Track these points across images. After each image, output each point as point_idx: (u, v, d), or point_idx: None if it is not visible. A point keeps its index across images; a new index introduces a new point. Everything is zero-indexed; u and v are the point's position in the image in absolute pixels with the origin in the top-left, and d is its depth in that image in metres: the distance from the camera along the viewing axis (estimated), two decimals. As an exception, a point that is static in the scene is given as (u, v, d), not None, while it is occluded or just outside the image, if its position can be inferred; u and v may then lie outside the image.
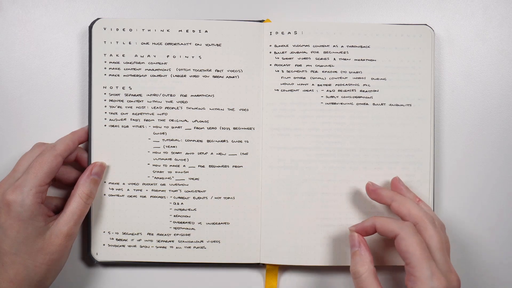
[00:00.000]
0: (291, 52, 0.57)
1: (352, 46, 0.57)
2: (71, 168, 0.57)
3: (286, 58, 0.57)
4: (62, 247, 0.51)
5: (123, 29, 0.57)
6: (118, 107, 0.57)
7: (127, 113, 0.57)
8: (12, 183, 0.51)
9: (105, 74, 0.57)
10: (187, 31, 0.57)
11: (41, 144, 0.55)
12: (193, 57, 0.57)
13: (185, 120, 0.57)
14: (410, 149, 0.58)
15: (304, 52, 0.57)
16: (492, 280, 0.60)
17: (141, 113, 0.57)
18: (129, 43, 0.57)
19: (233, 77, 0.57)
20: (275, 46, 0.57)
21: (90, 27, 0.57)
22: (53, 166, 0.52)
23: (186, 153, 0.57)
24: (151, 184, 0.57)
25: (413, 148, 0.58)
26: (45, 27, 0.59)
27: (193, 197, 0.57)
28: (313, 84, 0.57)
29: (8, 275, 0.49)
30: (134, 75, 0.57)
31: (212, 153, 0.57)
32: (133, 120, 0.57)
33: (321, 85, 0.57)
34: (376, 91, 0.57)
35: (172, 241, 0.57)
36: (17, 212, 0.49)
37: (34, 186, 0.50)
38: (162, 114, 0.57)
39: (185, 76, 0.57)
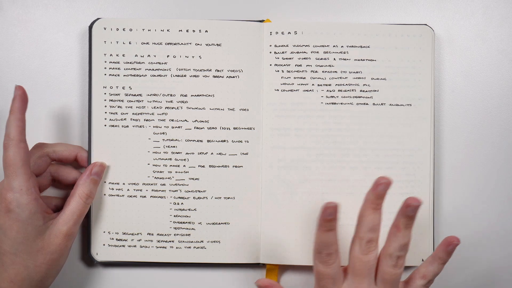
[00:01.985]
0: (291, 52, 0.57)
1: (352, 46, 0.57)
2: (70, 168, 0.57)
3: (286, 58, 0.57)
4: (61, 247, 0.51)
5: (123, 29, 0.57)
6: (118, 107, 0.57)
7: (127, 113, 0.57)
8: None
9: (105, 74, 0.57)
10: (187, 31, 0.57)
11: (41, 145, 0.55)
12: (193, 57, 0.57)
13: (185, 120, 0.57)
14: (410, 149, 0.58)
15: (304, 52, 0.57)
16: (492, 280, 0.60)
17: (141, 113, 0.57)
18: (129, 43, 0.57)
19: (233, 77, 0.57)
20: (275, 46, 0.57)
21: (90, 27, 0.57)
22: (22, 156, 0.50)
23: (186, 153, 0.57)
24: (151, 184, 0.57)
25: (413, 148, 0.58)
26: (45, 27, 0.59)
27: (193, 197, 0.57)
28: (313, 84, 0.57)
29: (8, 275, 0.49)
30: (134, 75, 0.57)
31: (212, 153, 0.57)
32: (133, 120, 0.57)
33: (321, 85, 0.57)
34: (376, 91, 0.57)
35: (172, 241, 0.57)
36: (15, 212, 0.49)
37: (20, 184, 0.49)
38: (162, 114, 0.57)
39: (185, 76, 0.57)
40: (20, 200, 0.49)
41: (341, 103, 0.57)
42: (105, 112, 0.57)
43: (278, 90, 0.57)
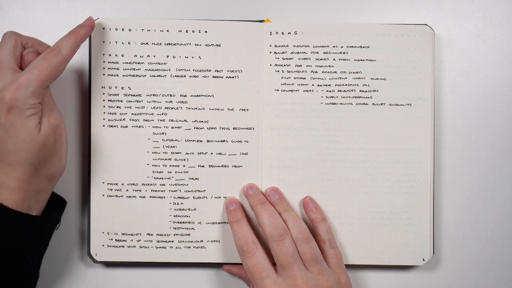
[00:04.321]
0: (291, 52, 0.57)
1: (352, 46, 0.57)
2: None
3: (286, 58, 0.57)
4: (47, 130, 0.49)
5: (123, 29, 0.57)
6: (117, 107, 0.57)
7: (126, 113, 0.57)
8: (7, 80, 0.48)
9: (104, 74, 0.57)
10: (186, 31, 0.57)
11: (13, 33, 0.51)
12: (193, 57, 0.57)
13: (185, 120, 0.57)
14: (410, 149, 0.58)
15: (304, 52, 0.57)
16: (492, 280, 0.60)
17: (140, 113, 0.57)
18: (129, 43, 0.57)
19: (233, 77, 0.57)
20: (275, 46, 0.57)
21: (90, 27, 0.57)
22: (58, 72, 0.49)
23: (186, 153, 0.57)
24: (151, 185, 0.57)
25: (413, 148, 0.58)
26: (45, 27, 0.59)
27: (193, 197, 0.57)
28: (313, 84, 0.57)
29: (16, 174, 0.48)
30: (133, 75, 0.57)
31: (212, 153, 0.57)
32: (133, 120, 0.57)
33: (321, 85, 0.57)
34: (376, 91, 0.57)
35: (172, 241, 0.58)
36: (19, 109, 0.47)
37: (37, 87, 0.48)
38: (162, 114, 0.57)
39: (185, 76, 0.57)
40: (29, 100, 0.47)
41: (341, 103, 0.57)
42: (104, 113, 0.57)
43: (278, 90, 0.57)
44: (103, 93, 0.57)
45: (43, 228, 0.51)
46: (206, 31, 0.57)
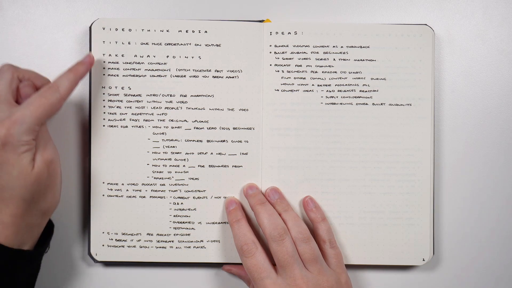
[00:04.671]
0: (291, 52, 0.57)
1: (352, 46, 0.57)
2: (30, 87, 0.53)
3: (286, 58, 0.57)
4: (42, 164, 0.49)
5: (122, 29, 0.57)
6: (117, 107, 0.57)
7: (126, 113, 0.57)
8: (2, 114, 0.48)
9: (104, 74, 0.57)
10: (186, 31, 0.57)
11: (10, 66, 0.51)
12: (192, 57, 0.57)
13: (184, 120, 0.57)
14: (410, 149, 0.58)
15: (304, 52, 0.57)
16: (492, 280, 0.60)
17: (140, 113, 0.57)
18: (129, 43, 0.57)
19: (233, 77, 0.57)
20: (275, 46, 0.57)
21: (91, 27, 0.56)
22: (55, 110, 0.49)
23: (186, 153, 0.57)
24: (151, 185, 0.57)
25: (413, 148, 0.58)
26: (45, 27, 0.59)
27: (193, 197, 0.57)
28: (313, 85, 0.57)
29: (9, 209, 0.48)
30: (133, 75, 0.57)
31: (212, 153, 0.57)
32: (133, 120, 0.57)
33: (321, 85, 0.57)
34: (376, 91, 0.57)
35: (172, 241, 0.58)
36: (13, 146, 0.47)
37: (33, 124, 0.47)
38: (162, 114, 0.57)
39: (184, 76, 0.57)
40: (23, 137, 0.47)
41: (341, 103, 0.57)
42: (104, 113, 0.57)
43: (278, 90, 0.57)
44: (103, 93, 0.57)
45: (35, 259, 0.51)
46: (206, 31, 0.57)
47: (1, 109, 0.48)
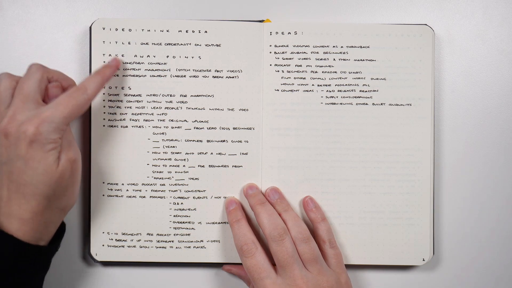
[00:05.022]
0: (291, 52, 0.57)
1: (352, 46, 0.57)
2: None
3: (286, 58, 0.57)
4: (65, 163, 0.49)
5: (122, 29, 0.57)
6: (117, 107, 0.57)
7: (126, 113, 0.57)
8: (30, 113, 0.48)
9: (104, 74, 0.57)
10: (186, 31, 0.57)
11: (40, 66, 0.52)
12: (192, 57, 0.57)
13: (184, 120, 0.57)
14: (410, 149, 0.58)
15: (304, 52, 0.57)
16: (492, 280, 0.60)
17: (140, 113, 0.57)
18: (129, 43, 0.57)
19: (233, 77, 0.57)
20: (275, 46, 0.57)
21: (91, 27, 0.56)
22: (82, 110, 0.50)
23: (186, 153, 0.57)
24: (151, 185, 0.57)
25: (413, 148, 0.58)
26: (45, 27, 0.59)
27: (193, 197, 0.57)
28: (313, 85, 0.57)
29: (30, 205, 0.48)
30: (133, 75, 0.57)
31: (212, 153, 0.57)
32: (133, 120, 0.57)
33: (321, 85, 0.57)
34: (376, 91, 0.57)
35: (172, 241, 0.58)
36: (41, 143, 0.47)
37: (61, 123, 0.48)
38: (162, 114, 0.57)
39: (184, 76, 0.57)
40: (51, 135, 0.48)
41: (341, 103, 0.57)
42: (104, 113, 0.57)
43: (278, 90, 0.57)
44: (103, 93, 0.57)
45: (50, 256, 0.52)
46: (206, 31, 0.57)
47: (30, 108, 0.49)
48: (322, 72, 0.57)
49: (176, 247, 0.58)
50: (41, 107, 0.49)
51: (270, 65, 0.57)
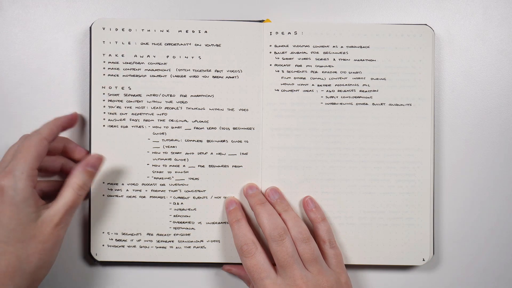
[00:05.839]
0: (291, 52, 0.57)
1: (352, 46, 0.57)
2: (57, 156, 0.56)
3: (286, 58, 0.57)
4: (53, 236, 0.50)
5: (122, 29, 0.57)
6: (117, 107, 0.57)
7: (126, 113, 0.57)
8: (1, 170, 0.50)
9: (104, 74, 0.57)
10: (186, 31, 0.57)
11: (27, 136, 0.53)
12: (192, 57, 0.57)
13: (184, 120, 0.57)
14: (410, 149, 0.58)
15: (304, 52, 0.57)
16: (492, 280, 0.60)
17: (140, 113, 0.57)
18: (129, 43, 0.57)
19: (233, 77, 0.57)
20: (275, 46, 0.57)
21: (91, 27, 0.57)
22: (39, 149, 0.51)
23: (186, 153, 0.57)
24: (151, 185, 0.57)
25: (413, 148, 0.58)
26: (45, 27, 0.59)
27: (193, 197, 0.57)
28: (313, 84, 0.57)
29: (0, 266, 0.48)
30: (133, 75, 0.57)
31: (212, 153, 0.57)
32: (133, 120, 0.57)
33: (321, 85, 0.57)
34: (376, 91, 0.57)
35: (172, 241, 0.58)
36: (9, 196, 0.48)
37: (25, 169, 0.49)
38: (162, 114, 0.57)
39: (184, 76, 0.57)
40: (18, 184, 0.48)
41: (341, 103, 0.57)
42: (104, 113, 0.57)
43: (278, 90, 0.57)
44: (103, 93, 0.57)
45: None
46: (206, 31, 0.57)
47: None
48: (322, 72, 0.57)
49: (176, 247, 0.58)
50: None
51: (270, 65, 0.57)
